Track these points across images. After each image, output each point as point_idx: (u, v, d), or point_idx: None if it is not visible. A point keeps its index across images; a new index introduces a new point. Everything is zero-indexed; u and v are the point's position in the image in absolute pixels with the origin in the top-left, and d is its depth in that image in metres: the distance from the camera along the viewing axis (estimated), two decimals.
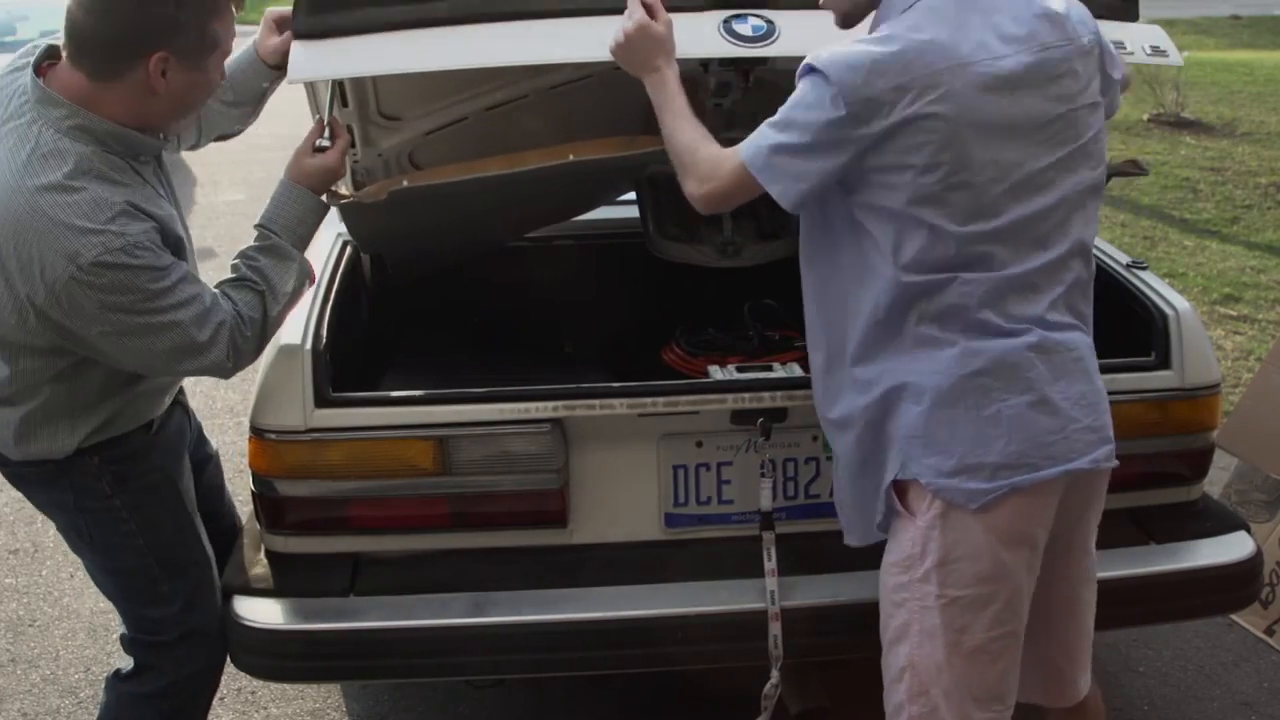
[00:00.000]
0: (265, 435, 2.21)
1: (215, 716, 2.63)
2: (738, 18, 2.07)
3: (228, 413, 4.56)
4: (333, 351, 2.26)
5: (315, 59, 2.05)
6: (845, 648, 2.27)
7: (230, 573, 2.28)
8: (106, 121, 1.86)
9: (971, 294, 1.75)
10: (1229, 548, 2.36)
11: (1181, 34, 15.54)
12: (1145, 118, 9.71)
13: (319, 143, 2.12)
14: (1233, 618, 3.14)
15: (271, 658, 2.23)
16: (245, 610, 2.20)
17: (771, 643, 2.14)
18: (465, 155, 2.43)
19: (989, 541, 1.77)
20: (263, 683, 2.77)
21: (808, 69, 1.75)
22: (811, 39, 1.90)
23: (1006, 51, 1.74)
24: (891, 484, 1.83)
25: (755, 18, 2.08)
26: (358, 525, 2.30)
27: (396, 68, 2.16)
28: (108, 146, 1.86)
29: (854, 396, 1.86)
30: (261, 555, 2.32)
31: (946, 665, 1.82)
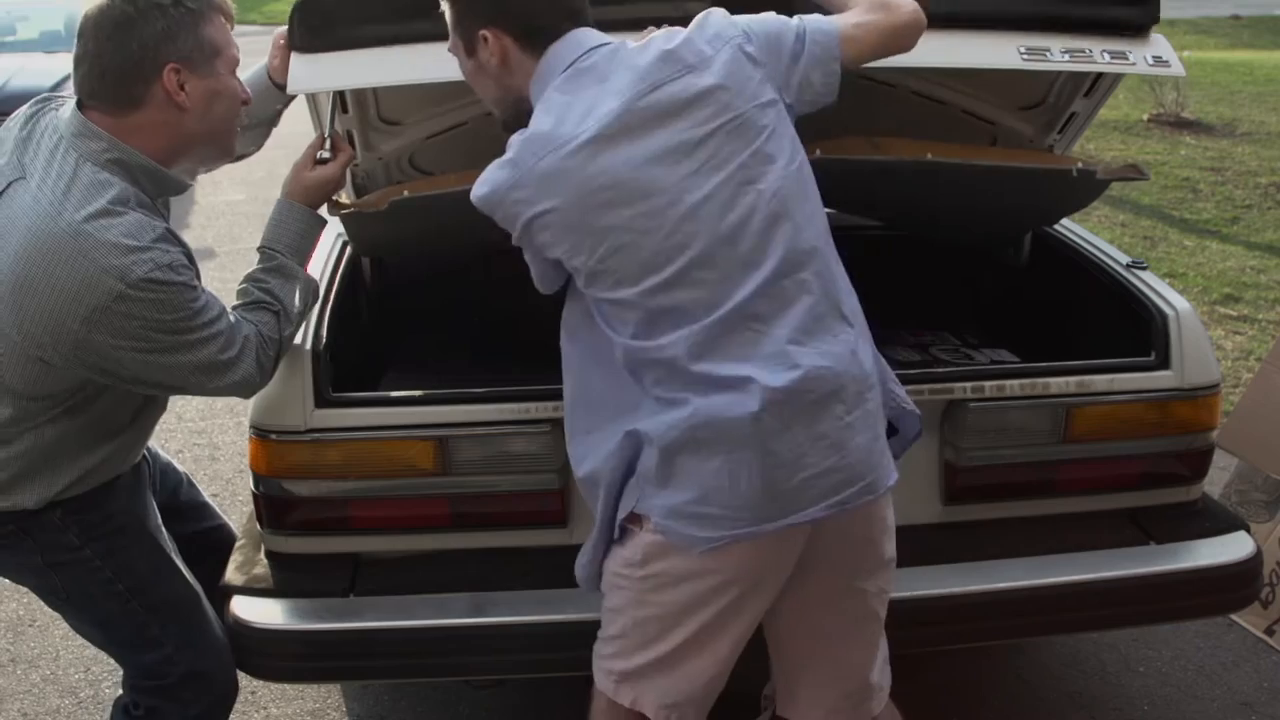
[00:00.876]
0: (266, 435, 2.21)
1: None
2: None
3: (228, 413, 4.54)
4: (333, 352, 2.27)
5: (313, 72, 2.08)
6: None
7: (230, 573, 2.28)
8: (141, 155, 1.88)
9: (678, 350, 1.71)
10: (1229, 548, 2.36)
11: (1182, 34, 15.56)
12: (1145, 118, 9.72)
13: (320, 154, 2.14)
14: (1233, 618, 3.14)
15: (271, 658, 2.22)
16: (245, 610, 2.20)
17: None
18: (466, 159, 2.43)
19: (700, 579, 1.78)
20: (263, 683, 2.77)
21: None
22: None
23: (604, 110, 1.72)
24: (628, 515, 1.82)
25: None
26: (358, 525, 2.31)
27: (392, 80, 2.18)
28: (140, 185, 1.88)
29: (604, 446, 1.83)
30: (261, 555, 2.32)
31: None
